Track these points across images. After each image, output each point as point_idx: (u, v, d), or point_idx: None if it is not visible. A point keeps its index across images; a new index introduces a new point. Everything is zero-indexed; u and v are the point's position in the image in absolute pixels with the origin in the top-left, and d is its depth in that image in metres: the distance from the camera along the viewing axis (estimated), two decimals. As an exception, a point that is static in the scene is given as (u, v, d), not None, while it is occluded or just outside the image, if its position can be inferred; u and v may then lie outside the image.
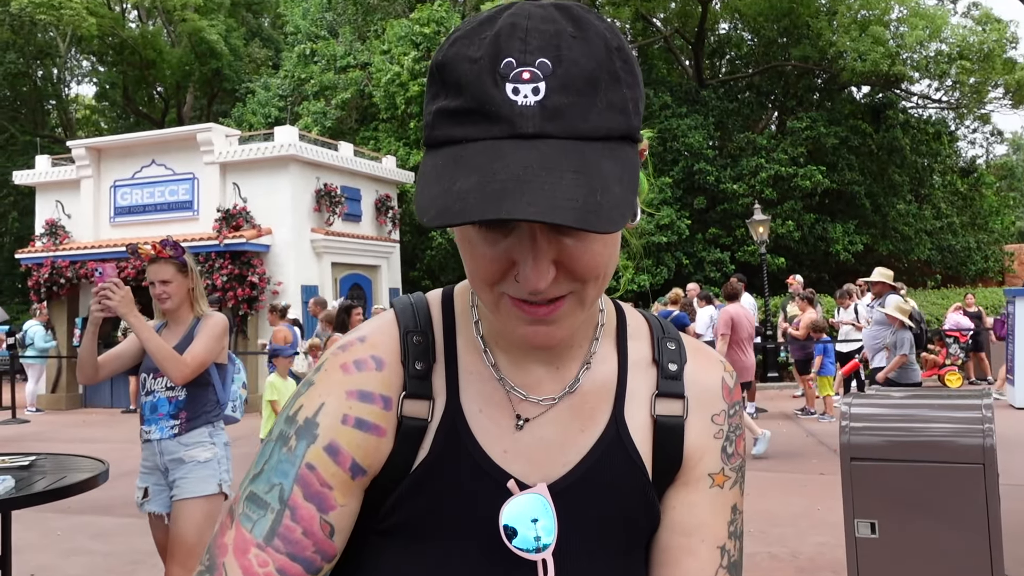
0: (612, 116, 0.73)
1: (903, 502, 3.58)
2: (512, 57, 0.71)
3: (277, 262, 15.29)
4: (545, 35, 0.72)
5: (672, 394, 0.92)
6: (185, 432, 3.41)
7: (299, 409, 0.85)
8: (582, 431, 0.88)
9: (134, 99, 33.18)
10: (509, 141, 0.70)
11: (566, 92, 0.71)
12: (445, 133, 0.74)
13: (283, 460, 0.83)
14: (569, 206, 0.66)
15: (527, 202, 0.65)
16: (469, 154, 0.71)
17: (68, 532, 6.24)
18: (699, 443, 0.92)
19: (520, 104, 0.70)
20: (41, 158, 17.92)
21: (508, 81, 0.71)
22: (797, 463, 8.10)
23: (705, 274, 21.19)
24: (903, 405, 3.89)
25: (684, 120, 22.38)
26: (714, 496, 0.92)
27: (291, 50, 28.33)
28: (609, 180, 0.69)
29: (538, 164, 0.68)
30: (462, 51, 0.74)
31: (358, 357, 0.87)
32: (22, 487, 3.05)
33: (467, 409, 0.87)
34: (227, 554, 0.80)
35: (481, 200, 0.66)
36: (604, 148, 0.72)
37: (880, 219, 23.52)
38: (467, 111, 0.72)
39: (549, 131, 0.70)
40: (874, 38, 21.10)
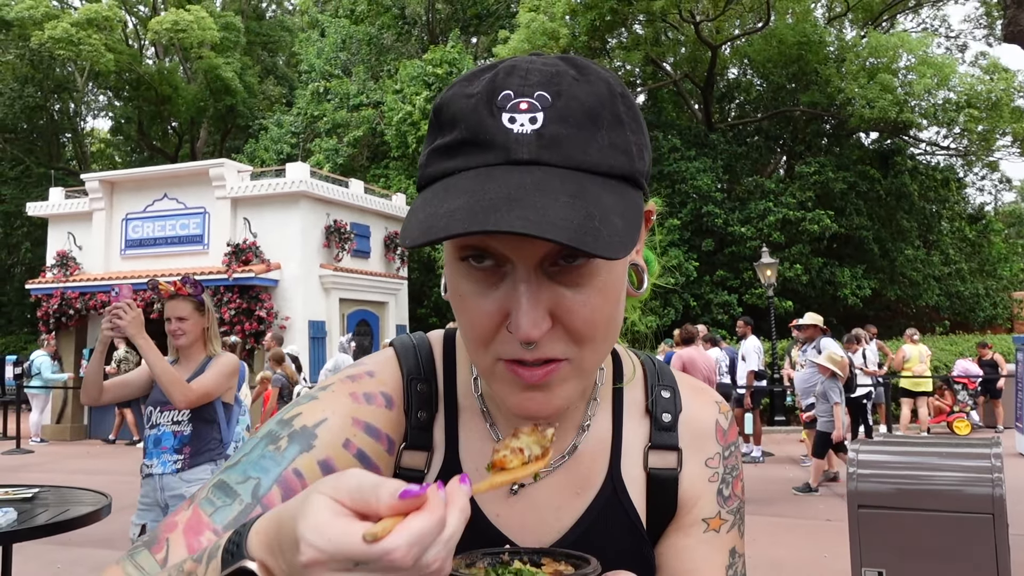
0: (614, 154, 0.69)
1: (911, 551, 3.54)
2: (510, 90, 0.69)
3: (285, 297, 15.34)
4: (546, 74, 0.70)
5: (666, 446, 0.89)
6: (188, 468, 3.40)
7: (297, 416, 0.81)
8: (577, 494, 0.85)
9: (148, 133, 33.58)
10: (503, 167, 0.67)
11: (565, 123, 0.68)
12: (437, 168, 0.71)
13: (267, 457, 0.78)
14: (564, 225, 0.61)
15: (517, 216, 0.61)
16: (460, 181, 0.67)
17: (68, 565, 6.19)
18: (694, 489, 0.89)
19: (516, 132, 0.67)
20: (55, 190, 18.11)
21: (505, 112, 0.68)
22: (803, 508, 8.01)
23: (712, 316, 21.15)
24: (912, 452, 3.85)
25: (693, 163, 22.51)
26: (709, 541, 0.89)
27: (305, 88, 28.70)
28: (609, 211, 0.65)
29: (532, 186, 0.64)
30: (460, 90, 0.72)
31: (368, 391, 0.83)
32: (24, 519, 3.04)
33: (465, 465, 0.84)
34: (175, 531, 0.74)
35: (468, 216, 0.62)
36: (605, 183, 0.68)
37: (888, 264, 23.50)
38: (461, 143, 0.69)
39: (545, 159, 0.67)
40: (882, 85, 21.26)
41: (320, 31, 30.26)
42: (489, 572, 0.63)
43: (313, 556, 0.52)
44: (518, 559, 0.66)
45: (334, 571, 0.53)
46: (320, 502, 0.54)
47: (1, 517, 2.92)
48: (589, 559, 0.65)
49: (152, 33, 27.57)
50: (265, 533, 0.59)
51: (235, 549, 0.60)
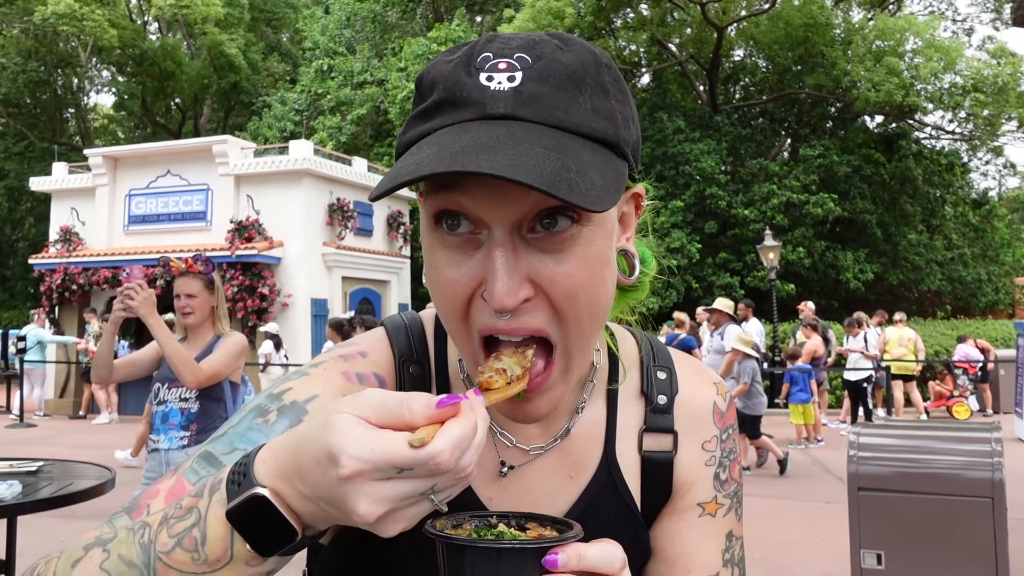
0: (597, 119, 0.67)
1: (910, 534, 3.56)
2: (489, 52, 0.67)
3: (288, 274, 15.35)
4: (528, 40, 0.69)
5: (660, 429, 0.86)
6: (194, 444, 3.44)
7: (287, 391, 0.78)
8: (571, 477, 0.83)
9: (152, 110, 33.49)
10: (477, 122, 0.65)
11: (545, 83, 0.65)
12: (414, 131, 0.69)
13: (254, 429, 0.75)
14: (536, 171, 0.59)
15: (486, 160, 0.59)
16: (433, 136, 0.66)
17: (72, 538, 6.23)
18: (689, 473, 0.87)
19: (493, 89, 0.65)
20: (58, 165, 18.08)
21: (483, 72, 0.66)
22: (802, 490, 8.05)
23: (714, 298, 21.15)
24: (912, 436, 3.87)
25: (697, 145, 22.43)
26: (704, 525, 0.87)
27: (308, 65, 28.57)
28: (588, 167, 0.63)
29: (506, 136, 0.62)
30: (441, 59, 0.71)
31: (361, 371, 0.81)
32: (28, 493, 3.06)
33: None
34: (156, 497, 0.71)
35: (435, 160, 0.60)
36: (585, 144, 0.65)
37: (891, 248, 23.47)
38: (438, 103, 0.67)
39: (521, 114, 0.64)
40: (888, 69, 21.14)
41: (324, 8, 30.11)
42: (473, 533, 0.65)
43: (357, 467, 0.53)
44: (504, 522, 0.67)
45: (377, 480, 0.54)
46: (347, 419, 0.55)
47: (6, 490, 2.95)
48: (572, 524, 0.66)
49: (156, 8, 27.44)
50: (275, 460, 0.59)
51: (241, 480, 0.60)
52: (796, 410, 11.11)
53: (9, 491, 2.96)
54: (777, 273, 17.10)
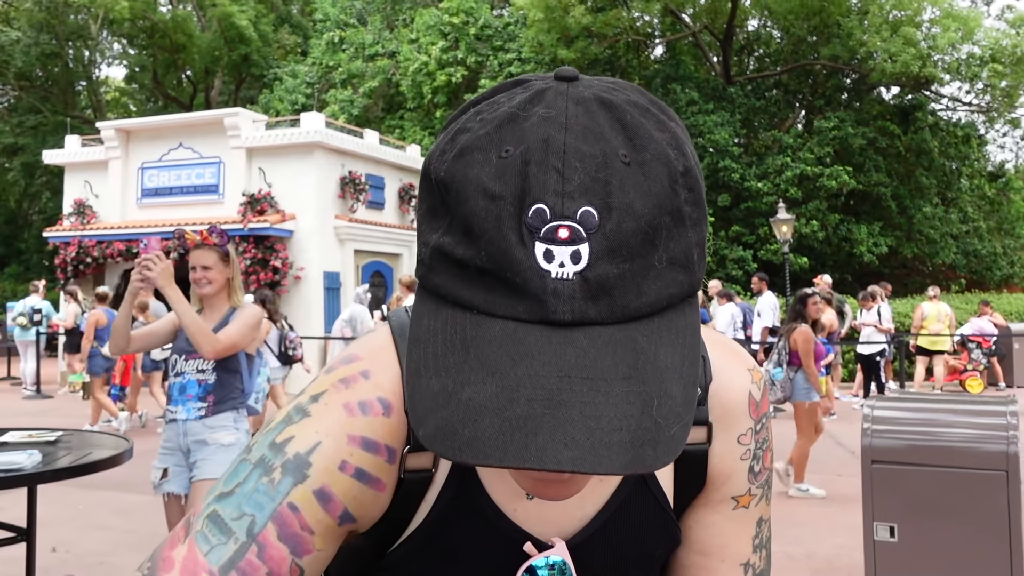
0: (673, 277, 0.59)
1: (924, 507, 3.56)
2: (545, 202, 0.56)
3: (300, 247, 15.38)
4: (590, 165, 0.57)
5: (695, 421, 0.80)
6: (211, 415, 3.47)
7: (289, 440, 0.73)
8: (601, 481, 0.79)
9: (163, 82, 33.44)
10: (537, 328, 0.56)
11: (616, 258, 0.56)
12: (449, 289, 0.59)
13: (260, 491, 0.71)
14: (616, 440, 0.52)
15: (562, 442, 0.51)
16: (482, 340, 0.56)
17: (89, 508, 6.33)
18: (724, 466, 0.84)
19: (555, 276, 0.55)
20: (71, 138, 18.11)
21: (539, 239, 0.55)
22: (815, 464, 8.05)
23: (727, 271, 21.09)
24: (926, 409, 3.86)
25: (710, 117, 22.26)
26: (738, 517, 0.86)
27: (319, 37, 28.43)
28: (667, 380, 0.56)
29: (577, 372, 0.54)
30: (474, 173, 0.58)
31: (364, 399, 0.74)
32: (48, 462, 3.09)
33: None
34: (172, 571, 0.69)
35: (499, 431, 0.52)
36: (660, 326, 0.58)
37: (906, 221, 23.31)
38: (480, 270, 0.57)
39: (591, 317, 0.56)
40: (905, 39, 20.86)
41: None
42: None
43: None
44: None
45: None
46: None
47: (26, 459, 2.98)
48: None
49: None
50: None
51: None
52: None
53: (29, 460, 2.99)
54: (790, 246, 17.02)
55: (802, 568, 4.98)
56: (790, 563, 5.06)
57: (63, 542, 5.38)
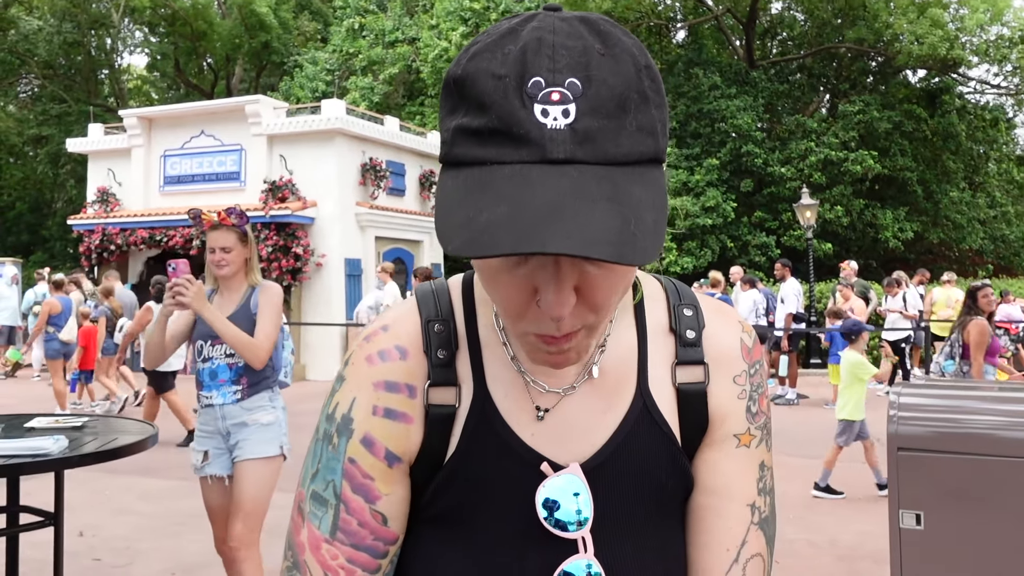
0: (642, 139, 0.72)
1: (950, 495, 3.52)
2: (540, 76, 0.70)
3: (321, 234, 15.42)
4: (573, 52, 0.70)
5: (692, 361, 0.92)
6: (247, 397, 3.44)
7: (336, 406, 0.89)
8: (605, 412, 0.89)
9: (184, 70, 33.60)
10: (538, 166, 0.68)
11: (596, 115, 0.69)
12: (467, 153, 0.72)
13: (331, 458, 0.87)
14: (604, 238, 0.64)
15: (562, 234, 0.64)
16: (496, 179, 0.69)
17: (115, 493, 6.40)
18: (723, 405, 0.92)
19: (550, 127, 0.69)
20: (94, 126, 18.25)
21: (537, 102, 0.69)
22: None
23: (750, 258, 20.94)
24: (953, 396, 3.81)
25: (733, 101, 22.05)
26: (741, 456, 0.93)
27: (340, 24, 28.43)
28: (641, 208, 0.69)
29: (570, 193, 0.67)
30: (484, 66, 0.72)
31: (382, 348, 0.89)
32: (74, 447, 3.12)
33: (494, 394, 0.88)
34: (305, 552, 0.87)
35: (512, 233, 0.64)
36: (634, 173, 0.71)
37: (932, 206, 23.01)
38: (492, 131, 0.70)
39: (580, 156, 0.69)
40: (932, 20, 20.54)
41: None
42: None
43: None
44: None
45: None
46: None
47: (52, 444, 3.00)
48: None
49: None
50: None
51: None
52: (837, 370, 10.97)
53: (56, 446, 3.02)
54: (814, 232, 16.85)
55: (825, 555, 4.94)
56: (813, 550, 5.03)
57: (90, 526, 5.45)
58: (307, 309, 15.21)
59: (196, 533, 5.04)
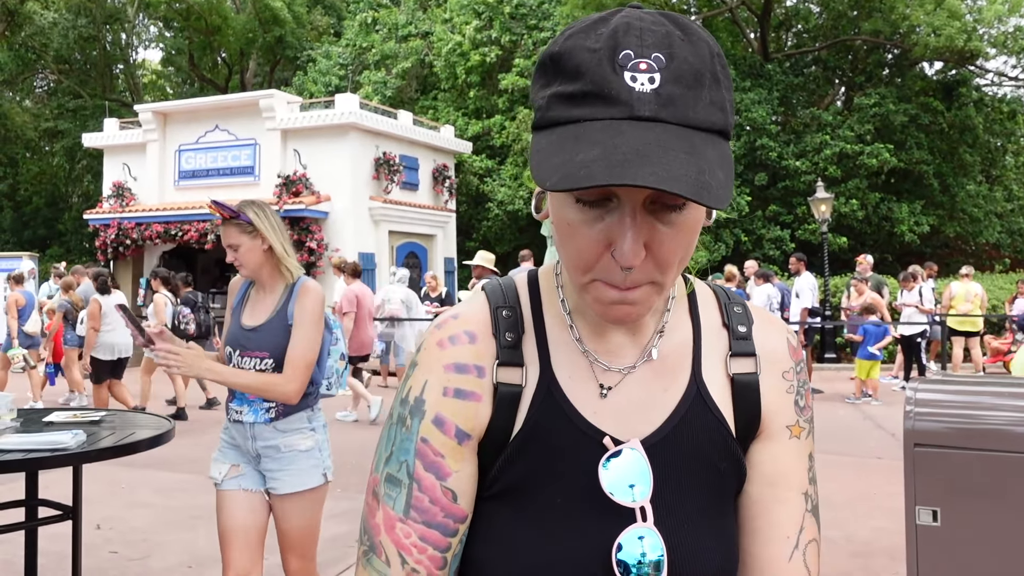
0: (714, 111, 0.80)
1: (967, 490, 3.50)
2: (630, 49, 0.78)
3: (335, 229, 15.47)
4: (658, 34, 0.79)
5: (744, 353, 0.98)
6: (282, 417, 2.94)
7: (409, 390, 0.94)
8: (665, 391, 0.94)
9: (199, 65, 33.71)
10: (627, 122, 0.76)
11: (678, 84, 0.78)
12: (561, 114, 0.80)
13: (405, 439, 0.92)
14: (685, 179, 0.72)
15: (649, 172, 0.71)
16: (589, 131, 0.76)
17: (132, 486, 6.45)
18: (774, 399, 0.98)
19: (638, 90, 0.77)
20: (109, 121, 18.35)
21: (626, 70, 0.77)
22: (854, 446, 7.97)
23: (764, 252, 20.85)
24: (970, 392, 3.78)
25: (747, 94, 21.93)
26: (794, 447, 0.99)
27: (353, 18, 28.44)
28: (714, 164, 0.76)
29: (655, 143, 0.74)
30: (579, 43, 0.80)
31: (452, 333, 0.95)
32: (92, 441, 3.14)
33: (559, 375, 0.93)
34: (381, 533, 0.91)
35: (606, 168, 0.72)
36: (708, 138, 0.79)
37: (948, 200, 22.83)
38: (585, 94, 0.78)
39: (663, 116, 0.77)
40: (950, 12, 20.34)
41: (368, -41, 29.83)
42: None
43: None
44: None
45: None
46: None
47: (71, 439, 3.03)
48: None
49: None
50: None
51: None
52: (863, 365, 10.97)
53: (74, 440, 3.04)
54: (829, 226, 16.76)
55: (841, 551, 4.93)
56: (829, 545, 5.01)
57: (107, 519, 5.50)
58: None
59: (213, 526, 5.05)
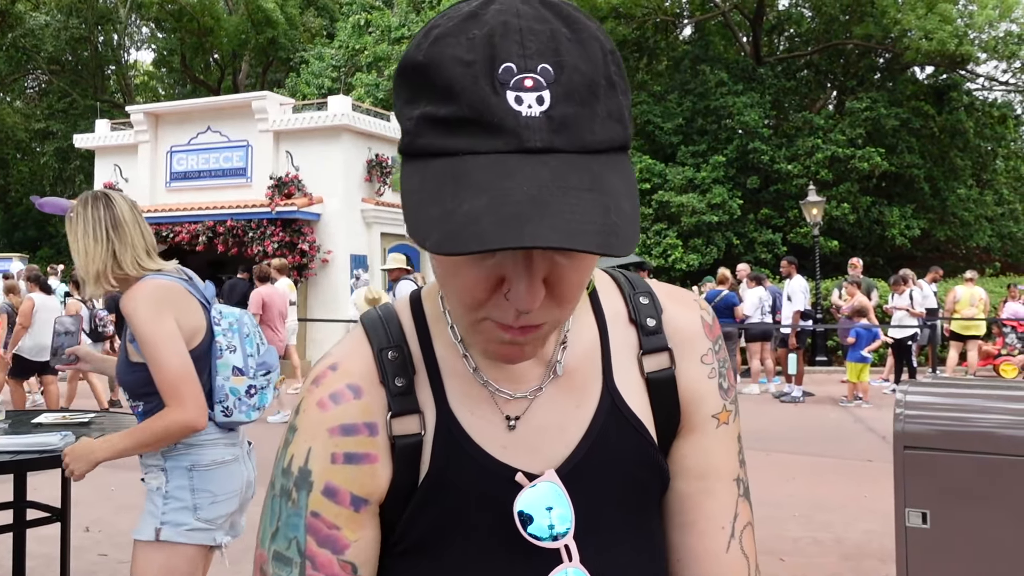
0: (612, 126, 0.70)
1: (957, 493, 3.51)
2: (511, 62, 0.66)
3: (327, 231, 15.45)
4: (542, 37, 0.67)
5: (656, 349, 0.91)
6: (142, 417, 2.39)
7: (291, 459, 0.84)
8: (577, 407, 0.87)
9: (191, 66, 33.64)
10: (516, 156, 0.65)
11: (571, 102, 0.67)
12: (434, 142, 0.68)
13: (292, 514, 0.83)
14: (590, 229, 0.62)
15: (549, 227, 0.61)
16: (471, 170, 0.65)
17: (121, 488, 6.42)
18: (695, 387, 0.91)
19: (525, 115, 0.65)
20: (101, 122, 18.31)
21: (509, 89, 0.66)
22: (844, 449, 8.00)
23: (756, 255, 20.90)
24: (960, 395, 3.80)
25: (740, 98, 21.99)
26: (722, 435, 0.93)
27: (346, 20, 28.43)
28: (619, 197, 0.67)
29: (551, 183, 0.64)
30: (449, 51, 0.67)
31: (333, 390, 0.84)
32: (81, 443, 3.12)
33: (459, 414, 0.85)
34: None
35: (497, 224, 0.61)
36: (608, 161, 0.69)
37: (939, 204, 22.93)
38: (462, 120, 0.66)
39: (557, 145, 0.66)
40: (941, 16, 20.45)
41: (361, -39, 29.83)
42: None
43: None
44: None
45: None
46: None
47: (60, 440, 3.01)
48: None
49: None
50: None
51: None
52: (854, 368, 11.00)
53: (63, 441, 3.03)
54: (820, 229, 16.82)
55: (831, 553, 4.94)
56: (819, 548, 5.02)
57: (96, 522, 5.47)
58: (313, 305, 15.24)
59: (202, 529, 5.05)
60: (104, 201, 2.49)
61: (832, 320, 14.72)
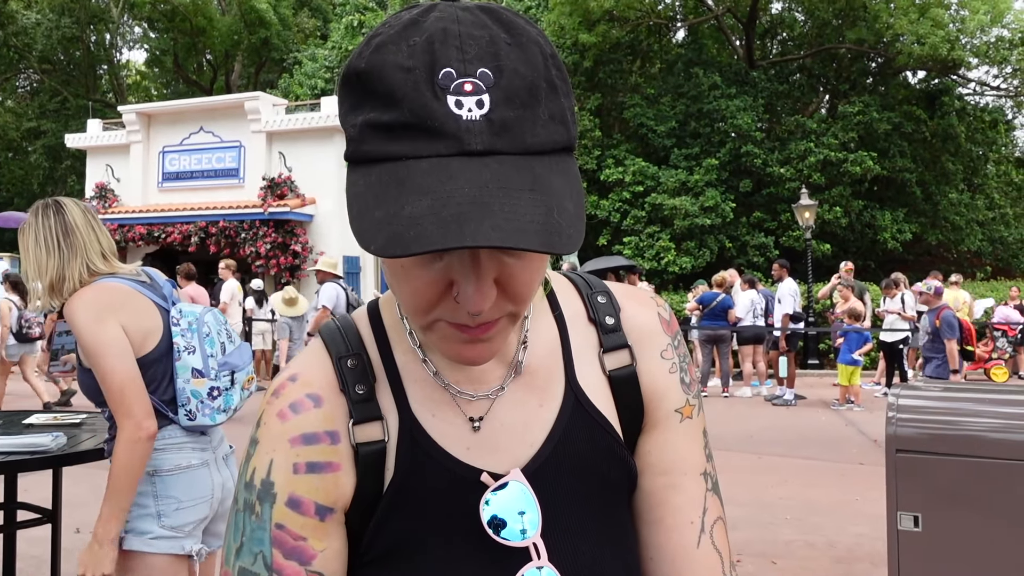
0: (554, 128, 0.71)
1: (949, 496, 3.52)
2: (451, 67, 0.67)
3: (320, 232, 15.43)
4: (481, 42, 0.69)
5: (616, 347, 0.92)
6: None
7: (253, 472, 0.83)
8: (541, 406, 0.87)
9: (184, 66, 33.57)
10: (457, 159, 0.66)
11: (511, 105, 0.68)
12: (378, 148, 0.69)
13: (256, 528, 0.82)
14: (532, 228, 0.64)
15: (490, 227, 0.62)
16: (413, 174, 0.66)
17: (113, 489, 6.39)
18: (657, 383, 0.92)
19: (465, 119, 0.67)
20: (93, 122, 18.24)
21: (449, 93, 0.67)
22: (836, 452, 8.01)
23: (748, 258, 20.95)
24: (951, 398, 3.81)
25: (733, 101, 22.04)
26: (686, 429, 0.93)
27: (339, 21, 28.40)
28: (562, 197, 0.68)
29: (493, 184, 0.65)
30: (389, 58, 0.69)
31: (293, 400, 0.84)
32: (73, 444, 3.11)
33: (421, 418, 0.85)
34: None
35: (438, 225, 0.62)
36: (551, 162, 0.70)
37: (931, 208, 23.02)
38: (404, 125, 0.67)
39: (498, 147, 0.67)
40: (933, 21, 20.54)
41: (355, -38, 29.80)
42: None
43: None
44: None
45: None
46: None
47: (51, 441, 3.00)
48: None
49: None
50: None
51: None
52: (845, 371, 11.03)
53: (55, 442, 3.01)
54: (813, 233, 16.87)
55: (823, 556, 4.94)
56: (811, 551, 5.03)
57: (87, 523, 5.43)
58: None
59: (193, 530, 5.03)
60: (55, 208, 2.40)
61: (824, 323, 14.77)
